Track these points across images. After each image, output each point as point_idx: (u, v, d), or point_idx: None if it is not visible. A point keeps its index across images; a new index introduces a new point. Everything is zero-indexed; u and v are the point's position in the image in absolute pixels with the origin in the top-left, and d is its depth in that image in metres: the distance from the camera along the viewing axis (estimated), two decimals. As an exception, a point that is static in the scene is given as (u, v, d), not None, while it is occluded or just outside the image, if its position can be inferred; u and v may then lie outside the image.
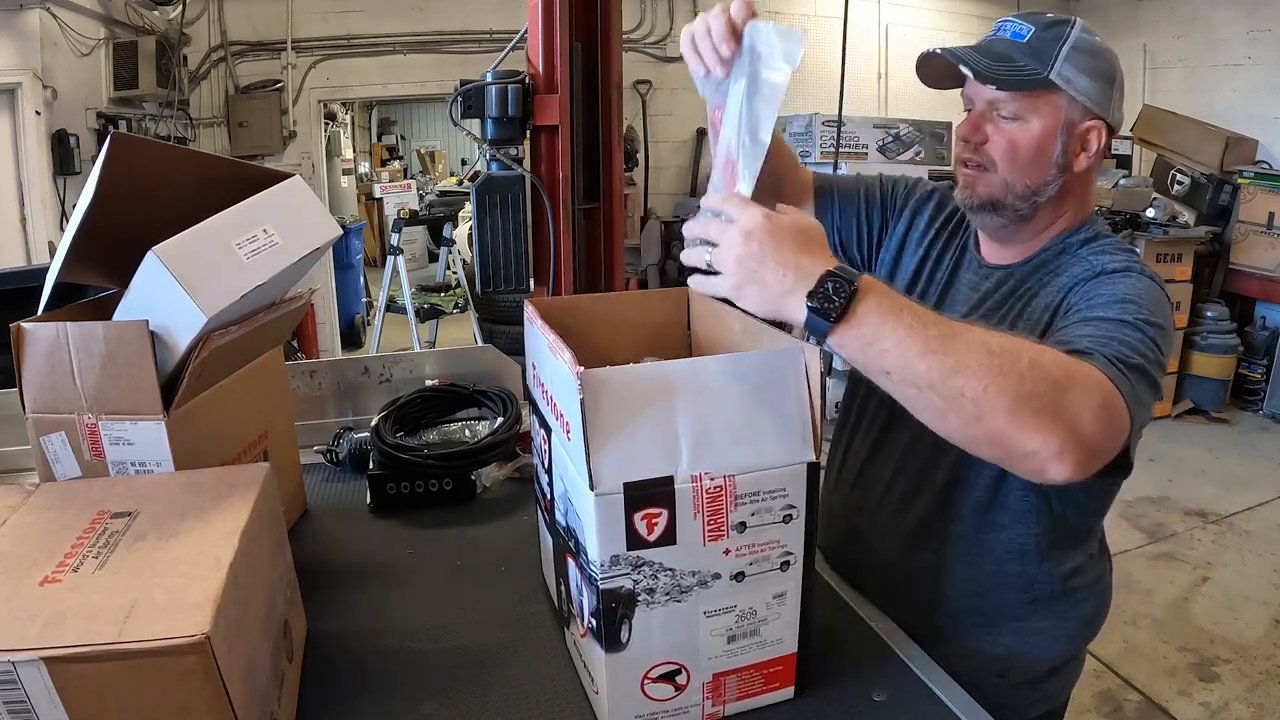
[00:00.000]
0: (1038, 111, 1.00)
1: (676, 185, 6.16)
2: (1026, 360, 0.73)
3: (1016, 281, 1.08)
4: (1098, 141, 1.02)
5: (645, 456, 0.73)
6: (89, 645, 0.61)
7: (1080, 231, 1.07)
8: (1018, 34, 1.01)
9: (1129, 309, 0.89)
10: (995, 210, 1.05)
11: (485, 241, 1.70)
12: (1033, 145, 1.01)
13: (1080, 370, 0.76)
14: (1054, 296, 1.01)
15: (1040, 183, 1.03)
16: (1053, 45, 0.99)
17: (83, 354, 0.93)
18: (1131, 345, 0.84)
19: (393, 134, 12.00)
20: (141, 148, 1.07)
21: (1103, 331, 0.86)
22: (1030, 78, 0.98)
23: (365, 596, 1.09)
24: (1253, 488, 4.00)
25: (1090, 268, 1.00)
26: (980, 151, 1.04)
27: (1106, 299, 0.92)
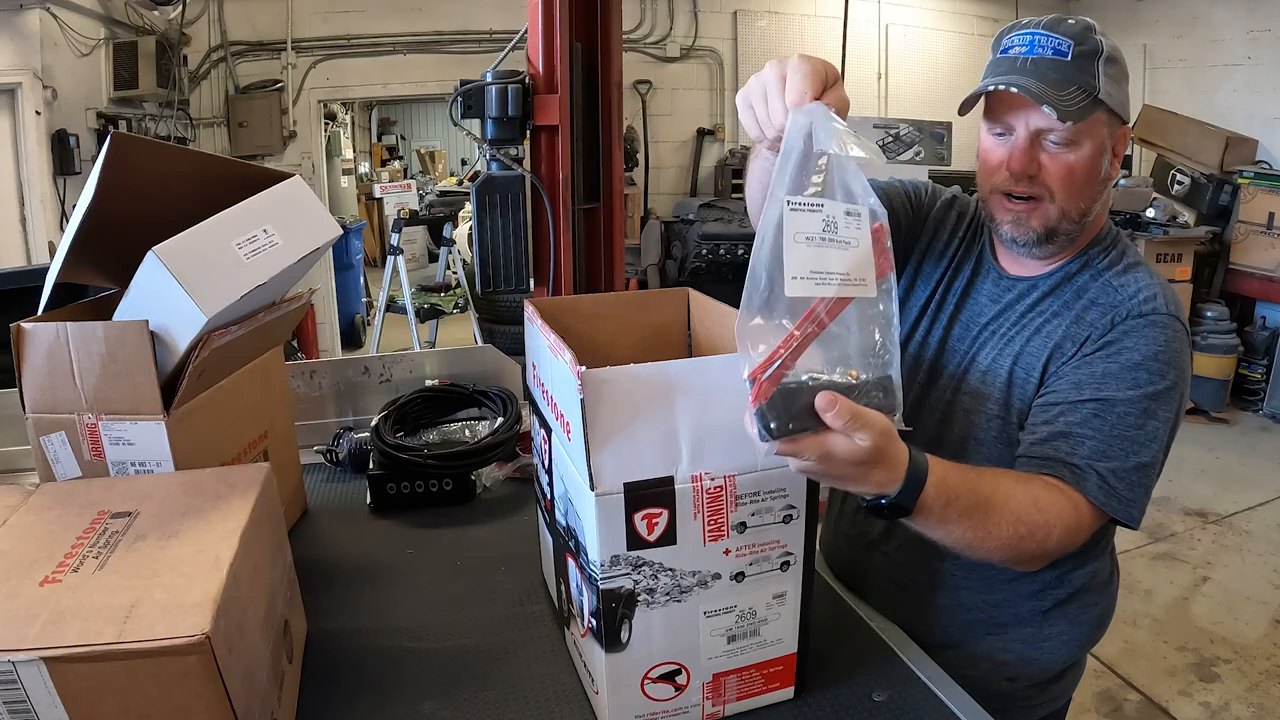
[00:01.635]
0: (1089, 133, 0.96)
1: (676, 185, 6.16)
2: (1036, 544, 0.87)
3: (1039, 294, 1.05)
4: (1125, 145, 1.02)
5: (645, 456, 0.73)
6: (89, 645, 0.61)
7: (1100, 240, 1.06)
8: (1060, 51, 0.95)
9: (1142, 379, 0.93)
10: (1050, 239, 1.01)
11: (485, 241, 1.71)
12: (1088, 168, 0.97)
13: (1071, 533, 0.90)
14: (1074, 327, 1.00)
15: (1093, 203, 1.01)
16: (1091, 61, 0.95)
17: (83, 354, 0.93)
18: (1135, 439, 0.92)
19: (393, 134, 12.00)
20: (141, 148, 1.07)
21: (1108, 427, 0.93)
22: (1087, 102, 0.94)
23: (365, 596, 1.09)
24: (1253, 488, 4.00)
25: (1112, 304, 0.99)
26: (1036, 183, 0.99)
27: (1122, 366, 0.94)
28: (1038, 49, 0.96)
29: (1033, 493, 0.89)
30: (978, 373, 1.07)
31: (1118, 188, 4.90)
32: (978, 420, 1.07)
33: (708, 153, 6.16)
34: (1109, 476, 0.91)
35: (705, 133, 6.11)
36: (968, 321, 1.11)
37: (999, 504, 0.85)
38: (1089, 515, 0.91)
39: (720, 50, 6.04)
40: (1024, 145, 0.97)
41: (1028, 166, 0.98)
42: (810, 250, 0.67)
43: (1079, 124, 0.94)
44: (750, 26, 6.04)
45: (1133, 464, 0.92)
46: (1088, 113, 0.94)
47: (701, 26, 5.96)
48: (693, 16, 5.92)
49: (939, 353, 1.13)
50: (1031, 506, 0.87)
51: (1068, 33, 0.95)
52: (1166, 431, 0.95)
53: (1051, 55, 0.95)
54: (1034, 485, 0.90)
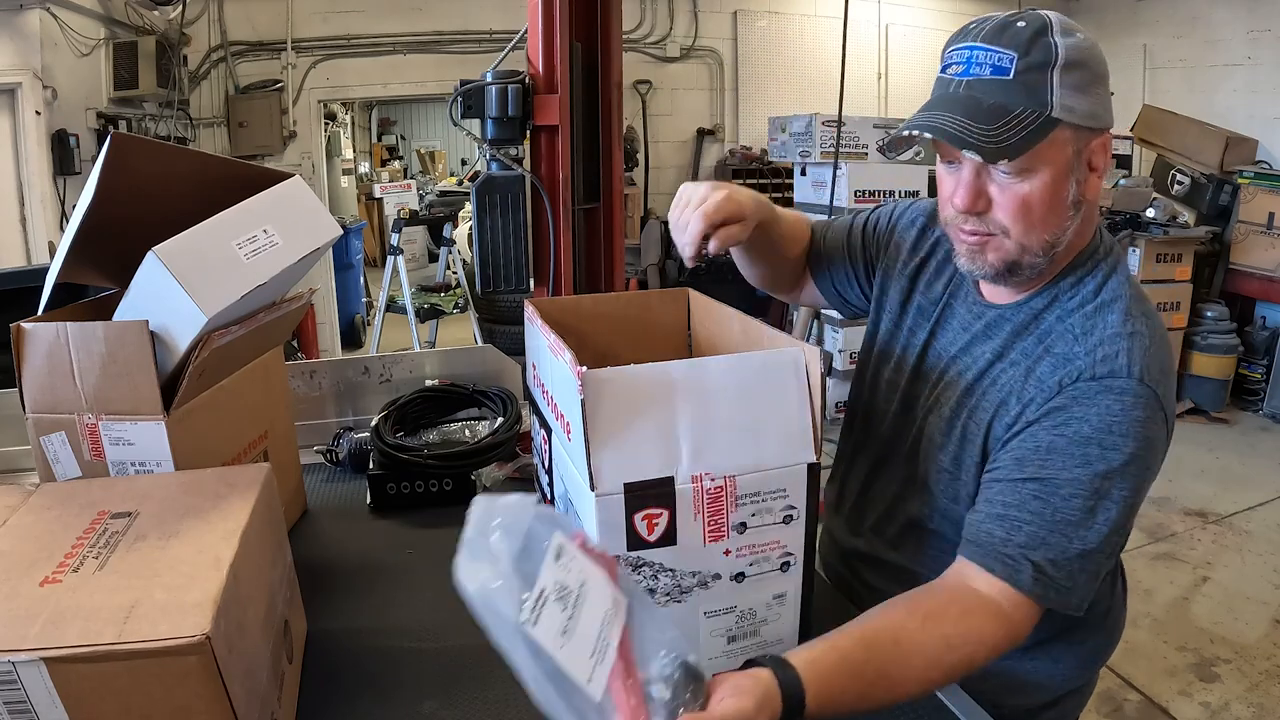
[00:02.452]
0: (1045, 157, 0.83)
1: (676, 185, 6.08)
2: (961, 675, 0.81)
3: (1006, 333, 0.96)
4: (1105, 155, 0.87)
5: (646, 457, 0.73)
6: (89, 645, 0.61)
7: (1076, 267, 0.92)
8: (1000, 68, 0.82)
9: (1093, 454, 0.82)
10: (1014, 273, 0.90)
11: (485, 241, 1.71)
12: (1047, 198, 0.85)
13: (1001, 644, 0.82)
14: (1023, 383, 0.90)
15: (1059, 232, 0.87)
16: (1042, 74, 0.81)
17: (83, 354, 0.93)
18: (1080, 524, 0.82)
19: (393, 134, 12.00)
20: (141, 148, 1.07)
21: (1050, 511, 0.82)
22: (1034, 127, 0.81)
23: (365, 596, 1.09)
24: (1253, 488, 4.00)
25: (1066, 358, 0.87)
26: (985, 220, 0.88)
27: (1070, 439, 0.83)
28: (974, 68, 0.84)
29: (943, 631, 0.79)
30: (937, 418, 0.99)
31: (1118, 188, 4.90)
32: (931, 470, 1.00)
33: (708, 153, 6.16)
34: (1046, 567, 0.81)
35: (705, 133, 6.12)
36: (940, 350, 1.03)
37: (901, 665, 0.77)
38: (1023, 611, 0.83)
39: (720, 50, 6.04)
40: (968, 180, 0.87)
41: (973, 204, 0.87)
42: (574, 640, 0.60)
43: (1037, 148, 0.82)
44: (750, 26, 6.05)
45: (1075, 551, 0.82)
46: (1035, 139, 0.81)
47: (701, 26, 5.96)
48: (693, 16, 5.93)
49: (912, 380, 1.05)
50: (943, 648, 0.79)
51: (1011, 43, 0.82)
52: (1122, 512, 0.83)
53: (990, 75, 0.83)
54: (945, 621, 0.80)
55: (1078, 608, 0.84)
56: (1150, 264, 4.77)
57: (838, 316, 4.54)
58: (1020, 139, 0.81)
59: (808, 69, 6.14)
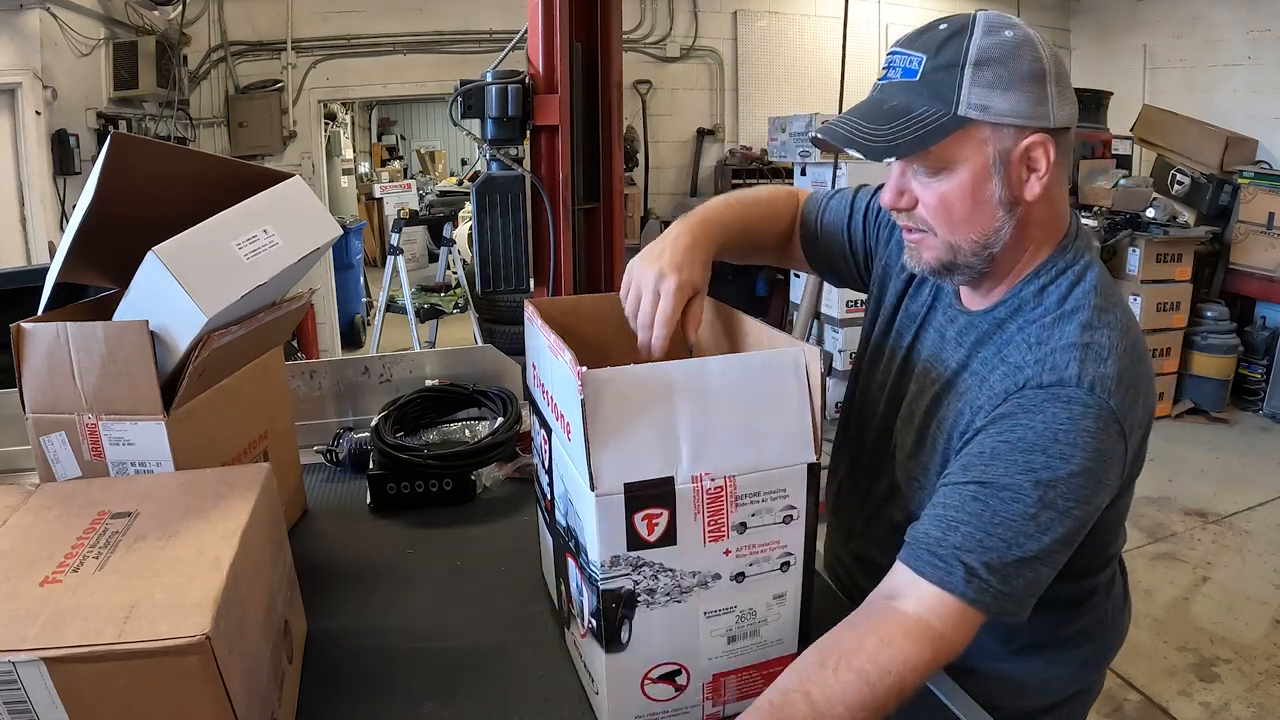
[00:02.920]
0: (959, 156, 0.85)
1: (676, 185, 6.17)
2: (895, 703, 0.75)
3: (971, 331, 0.97)
4: (1045, 157, 0.85)
5: (646, 457, 0.73)
6: (89, 645, 0.61)
7: (1040, 273, 0.92)
8: (909, 71, 0.85)
9: (1036, 462, 0.80)
10: (950, 272, 0.93)
11: (485, 241, 1.71)
12: (966, 196, 0.86)
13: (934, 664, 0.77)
14: (979, 391, 0.90)
15: (989, 232, 0.88)
16: (951, 74, 0.83)
17: (83, 354, 0.93)
18: (1021, 531, 0.79)
19: (393, 134, 12.00)
20: (141, 148, 1.07)
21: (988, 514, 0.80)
22: (934, 126, 0.83)
23: (365, 596, 1.09)
24: (1253, 488, 4.00)
25: (1017, 366, 0.87)
26: (913, 217, 0.91)
27: (1013, 444, 0.81)
28: (890, 71, 0.88)
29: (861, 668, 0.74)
30: (910, 424, 1.00)
31: (1118, 188, 4.90)
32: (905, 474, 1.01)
33: (708, 153, 6.16)
34: (979, 570, 0.78)
35: (705, 133, 6.12)
36: (920, 353, 1.04)
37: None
38: (955, 622, 0.78)
39: (720, 50, 6.04)
40: (892, 179, 0.91)
41: (895, 200, 0.91)
42: None
43: (939, 150, 0.84)
44: (750, 26, 6.05)
45: (1014, 558, 0.79)
46: (934, 138, 0.83)
47: (701, 26, 5.96)
48: (693, 16, 5.93)
49: (897, 382, 1.06)
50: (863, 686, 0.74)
51: (925, 45, 0.85)
52: (1067, 526, 0.80)
53: (901, 78, 0.86)
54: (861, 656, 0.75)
55: (1014, 615, 0.80)
56: (1150, 264, 4.77)
57: (838, 316, 4.54)
58: (914, 138, 0.83)
59: (808, 69, 6.14)
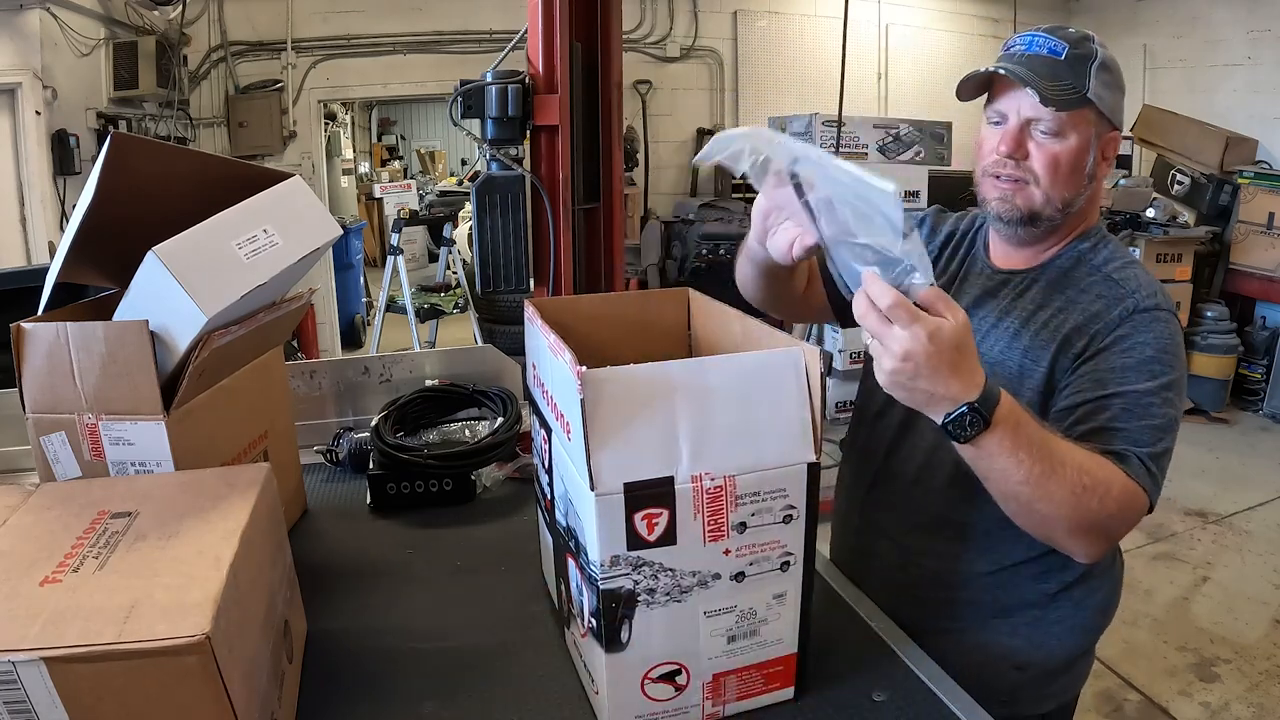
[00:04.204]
0: (1076, 127, 1.04)
1: (676, 185, 6.16)
2: (1097, 500, 0.89)
3: (1025, 285, 1.11)
4: (1115, 150, 1.08)
5: (645, 457, 0.73)
6: (89, 645, 0.61)
7: (1090, 237, 1.11)
8: (1055, 50, 1.04)
9: (1157, 370, 0.99)
10: (1033, 222, 1.08)
11: (485, 241, 1.71)
12: (1072, 159, 1.05)
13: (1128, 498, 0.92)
14: (1081, 319, 1.05)
15: (1075, 194, 1.07)
16: (1085, 63, 1.03)
17: (83, 354, 0.93)
18: (1160, 427, 0.97)
19: (393, 134, 12.00)
20: (141, 148, 1.07)
21: (1136, 417, 0.97)
22: (1075, 96, 1.02)
23: (365, 596, 1.09)
24: (1253, 488, 4.00)
25: (1118, 298, 1.04)
26: (1022, 167, 1.06)
27: (1139, 360, 1.00)
28: (1035, 47, 1.05)
29: (1088, 450, 0.92)
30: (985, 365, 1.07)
31: (1117, 188, 4.90)
32: None
33: (708, 153, 6.14)
34: (1147, 461, 0.95)
35: (705, 133, 6.11)
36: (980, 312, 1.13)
37: (1062, 447, 0.89)
38: (1136, 492, 0.94)
39: (720, 50, 6.04)
40: (1014, 130, 1.05)
41: (1015, 149, 1.05)
42: None
43: (1065, 114, 1.02)
44: (750, 26, 6.04)
45: (1161, 449, 0.97)
46: (1073, 105, 1.02)
47: (701, 26, 5.96)
48: (693, 16, 5.92)
49: None
50: (1091, 460, 0.90)
51: (1065, 37, 1.04)
52: (1178, 418, 1.00)
53: (1047, 53, 1.04)
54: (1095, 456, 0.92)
55: (1156, 501, 0.95)
56: (1150, 264, 4.77)
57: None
58: (1064, 99, 1.02)
59: (808, 69, 6.13)
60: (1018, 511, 0.91)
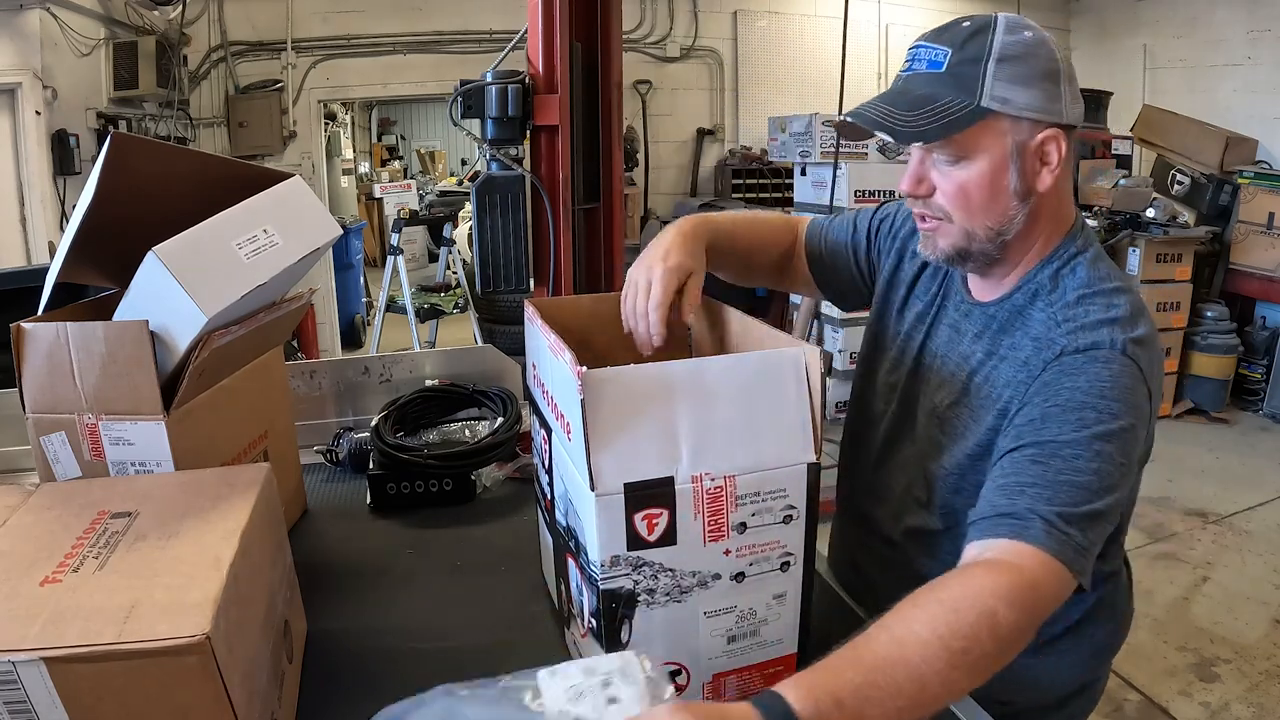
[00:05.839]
0: (979, 146, 0.88)
1: (676, 185, 6.16)
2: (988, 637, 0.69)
3: (991, 321, 0.99)
4: (1058, 151, 0.89)
5: (646, 457, 0.73)
6: (89, 645, 0.61)
7: (1053, 260, 0.95)
8: (934, 63, 0.89)
9: (1089, 418, 0.81)
10: (964, 259, 0.96)
11: (485, 241, 1.70)
12: (985, 185, 0.89)
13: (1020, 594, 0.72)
14: (1017, 373, 0.91)
15: (1004, 220, 0.91)
16: (975, 66, 0.87)
17: (83, 354, 0.93)
18: (1087, 486, 0.78)
19: (393, 134, 12.00)
20: (141, 148, 1.07)
21: (1052, 471, 0.79)
22: (959, 115, 0.86)
23: (365, 596, 1.09)
24: (1253, 488, 4.00)
25: (1050, 340, 0.89)
26: (930, 205, 0.94)
27: (1063, 406, 0.83)
28: (915, 64, 0.91)
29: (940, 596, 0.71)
30: (933, 418, 1.02)
31: (1118, 188, 4.90)
32: (932, 469, 1.00)
33: (708, 153, 6.16)
34: (1056, 521, 0.76)
35: (705, 133, 6.11)
36: (934, 350, 1.05)
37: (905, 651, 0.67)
38: (1039, 569, 0.75)
39: (720, 50, 6.04)
40: (911, 166, 0.94)
41: (914, 188, 0.94)
42: None
43: (961, 139, 0.87)
44: (750, 26, 6.05)
45: (1087, 510, 0.78)
46: (958, 126, 0.86)
47: (701, 26, 5.96)
48: (693, 16, 5.92)
49: (910, 381, 1.07)
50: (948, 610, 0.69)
51: (951, 40, 0.89)
52: (1123, 478, 0.81)
53: (926, 69, 0.90)
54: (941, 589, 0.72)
55: (1085, 575, 0.78)
56: (1150, 264, 4.77)
57: (838, 316, 4.54)
58: (939, 125, 0.86)
59: (808, 69, 6.13)
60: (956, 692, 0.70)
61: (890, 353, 1.11)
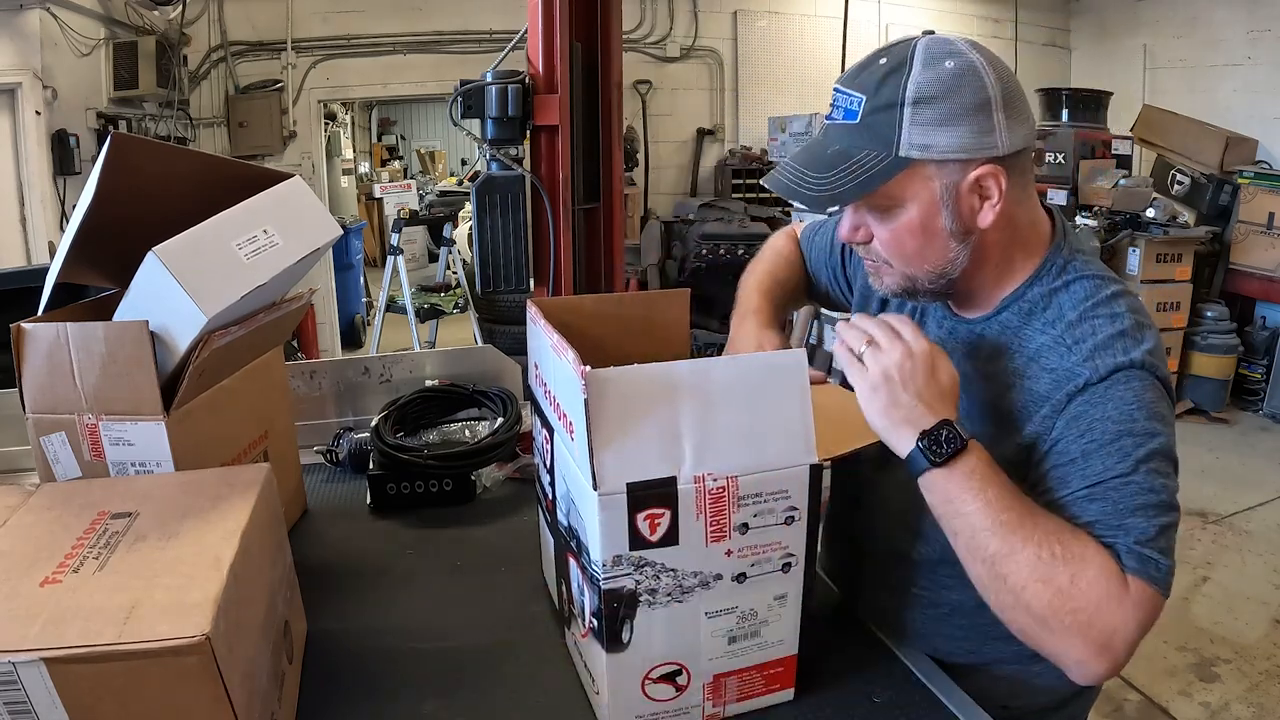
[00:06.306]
0: (905, 194, 0.85)
1: (676, 185, 6.16)
2: (1069, 576, 0.76)
3: (979, 340, 0.96)
4: (998, 185, 0.84)
5: (648, 457, 0.73)
6: (89, 646, 0.60)
7: (1041, 277, 0.92)
8: (850, 112, 0.85)
9: (1128, 445, 0.82)
10: (914, 296, 0.94)
11: (485, 241, 1.70)
12: (917, 232, 0.87)
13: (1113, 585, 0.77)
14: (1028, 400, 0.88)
15: (943, 262, 0.89)
16: (890, 114, 0.82)
17: (83, 354, 0.93)
18: (1151, 505, 0.81)
19: (393, 134, 11.99)
20: (141, 148, 1.07)
21: (1116, 508, 0.81)
22: (875, 170, 0.83)
23: (365, 596, 1.09)
24: (1253, 488, 4.00)
25: (1069, 371, 0.86)
26: (870, 250, 0.92)
27: (1102, 440, 0.82)
28: (834, 111, 0.88)
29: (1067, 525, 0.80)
30: None
31: (1118, 188, 4.90)
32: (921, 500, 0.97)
33: (708, 153, 6.16)
34: (1141, 549, 0.79)
35: (705, 133, 6.11)
36: None
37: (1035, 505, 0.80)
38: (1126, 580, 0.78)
39: (720, 50, 6.04)
40: (845, 215, 0.91)
41: (850, 235, 0.92)
42: None
43: (885, 188, 0.84)
44: (750, 26, 6.05)
45: (1157, 527, 0.80)
46: (875, 182, 0.83)
47: (701, 26, 5.96)
48: (693, 16, 5.93)
49: None
50: (1067, 530, 0.79)
51: (866, 83, 0.84)
52: (1171, 483, 0.84)
53: (842, 119, 0.86)
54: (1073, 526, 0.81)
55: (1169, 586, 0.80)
56: (1150, 264, 4.77)
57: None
58: (855, 184, 0.83)
59: (808, 69, 6.13)
60: (989, 582, 0.80)
61: None
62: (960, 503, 0.80)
